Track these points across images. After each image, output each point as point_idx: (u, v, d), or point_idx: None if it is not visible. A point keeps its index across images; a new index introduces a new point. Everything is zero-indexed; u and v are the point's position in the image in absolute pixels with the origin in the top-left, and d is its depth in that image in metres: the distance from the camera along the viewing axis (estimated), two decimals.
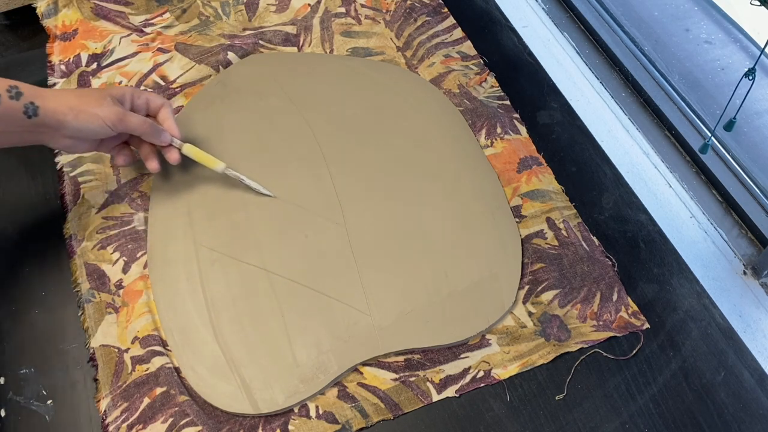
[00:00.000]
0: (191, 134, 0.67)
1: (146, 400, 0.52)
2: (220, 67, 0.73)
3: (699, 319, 0.57)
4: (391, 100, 0.70)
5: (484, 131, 0.69)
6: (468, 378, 0.53)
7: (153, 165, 0.60)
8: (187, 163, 0.65)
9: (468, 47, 0.76)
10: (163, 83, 0.72)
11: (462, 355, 0.54)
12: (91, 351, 0.55)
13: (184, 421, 0.51)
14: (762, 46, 0.50)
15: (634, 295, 0.58)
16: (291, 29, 0.77)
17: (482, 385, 0.53)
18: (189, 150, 0.61)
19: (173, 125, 0.60)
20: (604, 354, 0.55)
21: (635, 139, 0.72)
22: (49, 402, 0.53)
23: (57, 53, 0.75)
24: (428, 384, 0.53)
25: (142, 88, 0.71)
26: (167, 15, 0.78)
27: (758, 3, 0.49)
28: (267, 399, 0.52)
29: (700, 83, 0.75)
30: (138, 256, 0.60)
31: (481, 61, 0.74)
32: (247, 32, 0.77)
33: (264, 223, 0.60)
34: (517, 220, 0.62)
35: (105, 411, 0.52)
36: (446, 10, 0.80)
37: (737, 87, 0.53)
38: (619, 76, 0.78)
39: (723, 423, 0.52)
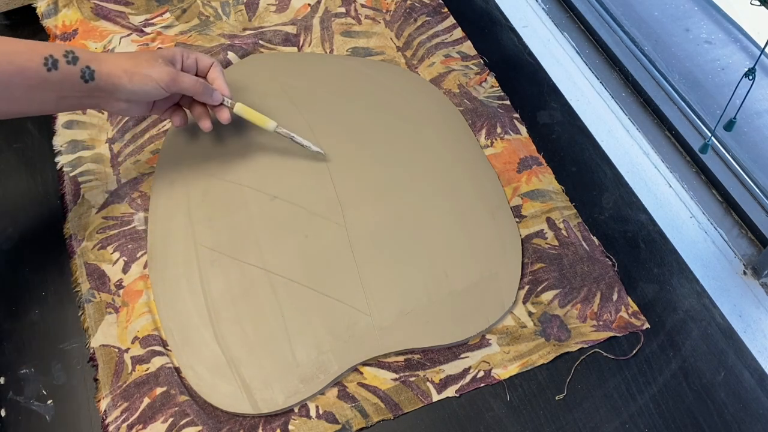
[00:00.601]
0: (191, 134, 0.67)
1: (146, 400, 0.52)
2: None
3: (699, 319, 0.57)
4: (391, 100, 0.70)
5: (484, 131, 0.69)
6: (468, 378, 0.53)
7: (206, 124, 0.61)
8: (188, 160, 0.65)
9: (468, 47, 0.76)
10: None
11: (462, 355, 0.54)
12: (91, 351, 0.55)
13: (184, 421, 0.51)
14: (762, 46, 0.50)
15: (634, 295, 0.58)
16: (291, 29, 0.77)
17: (482, 385, 0.53)
18: (240, 109, 0.61)
19: (223, 84, 0.61)
20: (604, 354, 0.55)
21: (635, 139, 0.72)
22: (49, 402, 0.53)
23: None
24: (428, 384, 0.53)
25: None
26: (167, 15, 0.78)
27: (758, 3, 0.49)
28: (267, 399, 0.52)
29: (700, 83, 0.75)
30: (138, 256, 0.60)
31: (481, 61, 0.74)
32: (247, 32, 0.77)
33: (264, 223, 0.60)
34: (517, 220, 0.62)
35: (105, 411, 0.52)
36: (446, 10, 0.80)
37: (737, 87, 0.53)
38: (619, 76, 0.78)
39: (723, 423, 0.52)
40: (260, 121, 0.62)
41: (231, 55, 0.74)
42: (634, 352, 0.55)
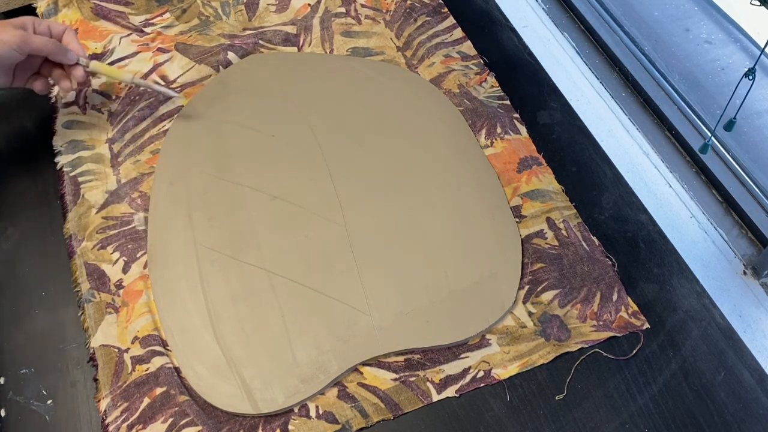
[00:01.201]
0: (191, 134, 0.67)
1: (146, 400, 0.52)
2: (220, 67, 0.73)
3: (699, 319, 0.57)
4: (391, 100, 0.70)
5: (484, 131, 0.69)
6: (468, 378, 0.53)
7: (65, 85, 0.64)
8: (188, 160, 0.65)
9: (468, 47, 0.76)
10: (163, 83, 0.72)
11: (462, 355, 0.54)
12: (91, 351, 0.55)
13: (184, 421, 0.51)
14: (762, 46, 0.50)
15: (634, 295, 0.58)
16: (291, 29, 0.77)
17: (482, 385, 0.53)
18: (96, 66, 0.64)
19: (78, 46, 0.64)
20: (604, 354, 0.55)
21: (635, 139, 0.72)
22: (49, 402, 0.53)
23: None
24: (428, 384, 0.53)
25: (142, 88, 0.71)
26: (167, 15, 0.78)
27: (758, 3, 0.49)
28: (267, 399, 0.52)
29: (700, 83, 0.75)
30: (138, 256, 0.60)
31: (481, 61, 0.74)
32: (247, 32, 0.77)
33: (264, 223, 0.60)
34: (517, 220, 0.62)
35: (105, 411, 0.52)
36: (446, 10, 0.80)
37: (737, 87, 0.53)
38: (619, 76, 0.78)
39: (723, 423, 0.52)
40: (116, 74, 0.65)
41: (231, 55, 0.74)
42: (634, 352, 0.55)
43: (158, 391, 0.52)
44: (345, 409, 0.52)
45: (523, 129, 0.69)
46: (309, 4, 0.80)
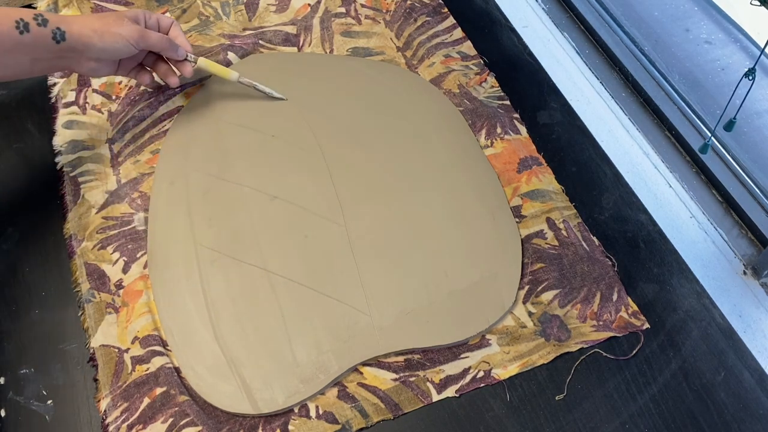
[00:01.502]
0: (191, 134, 0.67)
1: (146, 400, 0.52)
2: None
3: (699, 319, 0.57)
4: (391, 100, 0.70)
5: (484, 131, 0.69)
6: (468, 378, 0.53)
7: (173, 80, 0.66)
8: (188, 161, 0.65)
9: (468, 47, 0.76)
10: (163, 83, 0.72)
11: (462, 355, 0.54)
12: (91, 351, 0.55)
13: (184, 421, 0.51)
14: (762, 46, 0.50)
15: (634, 295, 0.58)
16: (291, 29, 0.77)
17: (482, 385, 0.53)
18: (203, 62, 0.65)
19: (185, 41, 0.65)
20: (604, 354, 0.55)
21: (635, 139, 0.72)
22: (49, 402, 0.53)
23: None
24: (428, 384, 0.53)
25: (142, 88, 0.71)
26: (167, 15, 0.78)
27: (758, 3, 0.49)
28: (267, 399, 0.52)
29: (700, 83, 0.75)
30: (138, 256, 0.60)
31: (481, 61, 0.74)
32: (247, 32, 0.77)
33: (264, 223, 0.60)
34: (517, 220, 0.62)
35: (105, 411, 0.52)
36: (446, 10, 0.80)
37: (737, 87, 0.53)
38: (619, 76, 0.78)
39: (723, 423, 0.52)
40: (223, 73, 0.66)
41: (231, 55, 0.74)
42: (634, 352, 0.55)
43: (158, 391, 0.52)
44: (345, 409, 0.52)
45: (523, 129, 0.69)
46: (309, 4, 0.80)
